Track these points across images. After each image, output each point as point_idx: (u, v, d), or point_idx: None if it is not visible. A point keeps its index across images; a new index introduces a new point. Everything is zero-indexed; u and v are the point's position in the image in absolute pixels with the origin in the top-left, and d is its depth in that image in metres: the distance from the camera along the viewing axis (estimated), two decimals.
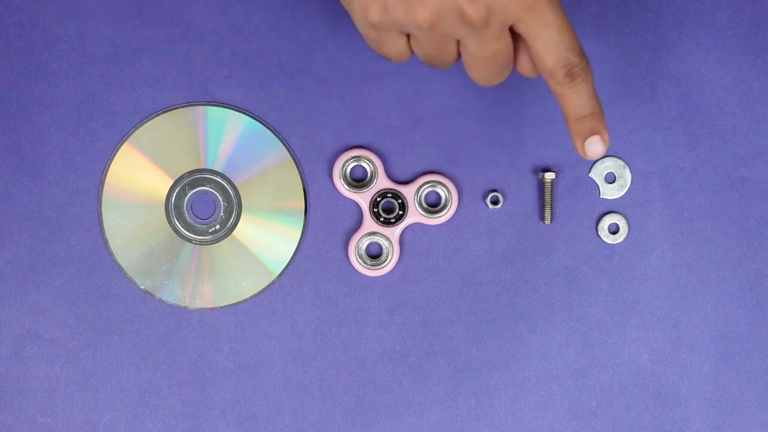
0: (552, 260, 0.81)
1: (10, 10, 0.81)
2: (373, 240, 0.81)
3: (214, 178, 0.82)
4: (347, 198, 0.81)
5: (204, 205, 0.82)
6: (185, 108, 0.81)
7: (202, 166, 0.82)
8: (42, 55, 0.81)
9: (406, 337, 0.81)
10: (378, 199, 0.81)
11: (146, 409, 0.81)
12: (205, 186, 0.82)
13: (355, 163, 0.81)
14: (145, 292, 0.81)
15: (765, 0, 0.81)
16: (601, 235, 0.81)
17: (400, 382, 0.81)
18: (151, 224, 0.81)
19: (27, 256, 0.81)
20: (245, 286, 0.81)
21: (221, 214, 0.82)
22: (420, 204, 0.81)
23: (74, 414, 0.81)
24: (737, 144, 0.82)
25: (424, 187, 0.81)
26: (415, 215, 0.81)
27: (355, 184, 0.81)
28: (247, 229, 0.81)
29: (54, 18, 0.81)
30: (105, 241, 0.81)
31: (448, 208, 0.81)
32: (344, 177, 0.81)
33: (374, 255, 0.81)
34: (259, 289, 0.81)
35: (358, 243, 0.81)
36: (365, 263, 0.81)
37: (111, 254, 0.81)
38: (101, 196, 0.81)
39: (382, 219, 0.81)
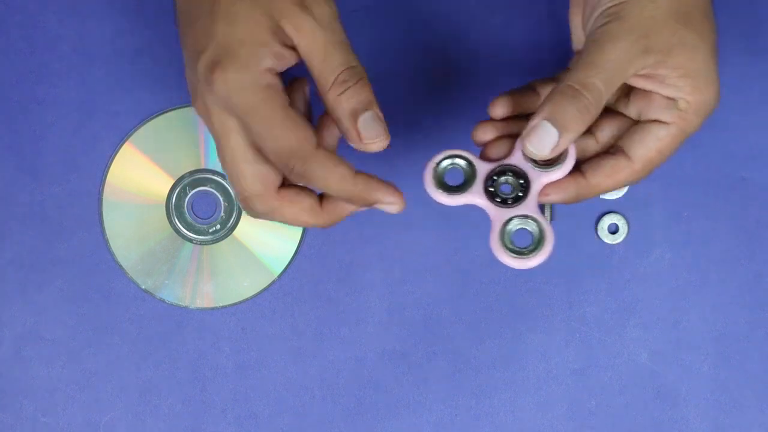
0: (552, 260, 0.81)
1: (12, 10, 0.81)
2: (521, 227, 0.69)
3: (215, 177, 0.82)
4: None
5: (204, 205, 0.82)
6: (186, 108, 0.81)
7: (203, 166, 0.82)
8: (43, 56, 0.81)
9: (406, 337, 0.81)
10: (494, 178, 0.69)
11: (147, 409, 0.81)
12: (205, 186, 0.82)
13: (451, 167, 0.71)
14: (146, 291, 0.81)
15: (764, 1, 0.81)
16: (601, 235, 0.81)
17: (400, 381, 0.81)
18: (151, 224, 0.82)
19: (28, 256, 0.81)
20: (245, 286, 0.81)
21: (222, 214, 0.82)
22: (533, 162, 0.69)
23: (75, 413, 0.81)
24: (737, 144, 0.82)
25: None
26: (539, 179, 0.69)
27: (458, 186, 0.70)
28: (247, 229, 0.82)
29: (55, 18, 0.81)
30: (105, 241, 0.81)
31: (566, 155, 0.69)
32: (441, 185, 0.70)
33: (523, 245, 0.69)
34: (259, 289, 0.81)
35: (503, 235, 0.69)
36: (517, 254, 0.69)
37: (111, 254, 0.81)
38: (102, 196, 0.81)
39: (508, 200, 0.69)
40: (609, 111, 0.71)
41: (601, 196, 0.81)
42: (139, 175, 0.81)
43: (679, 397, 0.81)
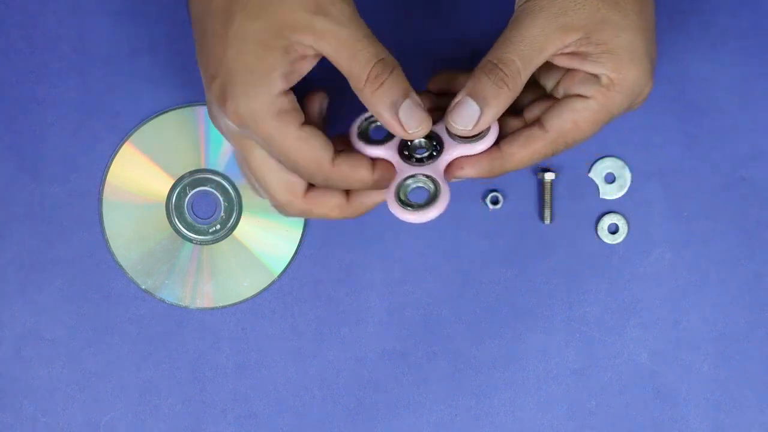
0: (552, 260, 0.81)
1: (11, 10, 0.81)
2: (420, 185, 0.70)
3: (215, 177, 0.82)
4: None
5: (204, 205, 0.82)
6: (185, 108, 0.81)
7: (203, 166, 0.82)
8: (43, 55, 0.81)
9: (406, 337, 0.81)
10: (408, 143, 0.71)
11: (147, 409, 0.81)
12: (205, 186, 0.82)
13: (375, 126, 0.73)
14: (146, 291, 0.81)
15: (763, 1, 0.81)
16: (601, 235, 0.81)
17: (400, 382, 0.81)
18: (151, 224, 0.82)
19: (28, 256, 0.81)
20: (245, 286, 0.81)
21: (222, 214, 0.82)
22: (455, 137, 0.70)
23: (75, 413, 0.81)
24: (737, 144, 0.82)
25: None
26: (453, 149, 0.70)
27: (378, 140, 0.72)
28: (247, 229, 0.82)
29: (55, 18, 0.81)
30: (105, 241, 0.81)
31: (487, 131, 0.70)
32: (363, 136, 0.72)
33: (418, 202, 0.70)
34: (259, 289, 0.81)
35: (399, 189, 0.70)
36: (408, 207, 0.69)
37: (111, 254, 0.81)
38: (102, 196, 0.81)
39: (416, 159, 0.71)
40: (545, 96, 0.72)
41: (601, 196, 0.81)
42: (139, 175, 0.82)
43: (679, 397, 0.81)
